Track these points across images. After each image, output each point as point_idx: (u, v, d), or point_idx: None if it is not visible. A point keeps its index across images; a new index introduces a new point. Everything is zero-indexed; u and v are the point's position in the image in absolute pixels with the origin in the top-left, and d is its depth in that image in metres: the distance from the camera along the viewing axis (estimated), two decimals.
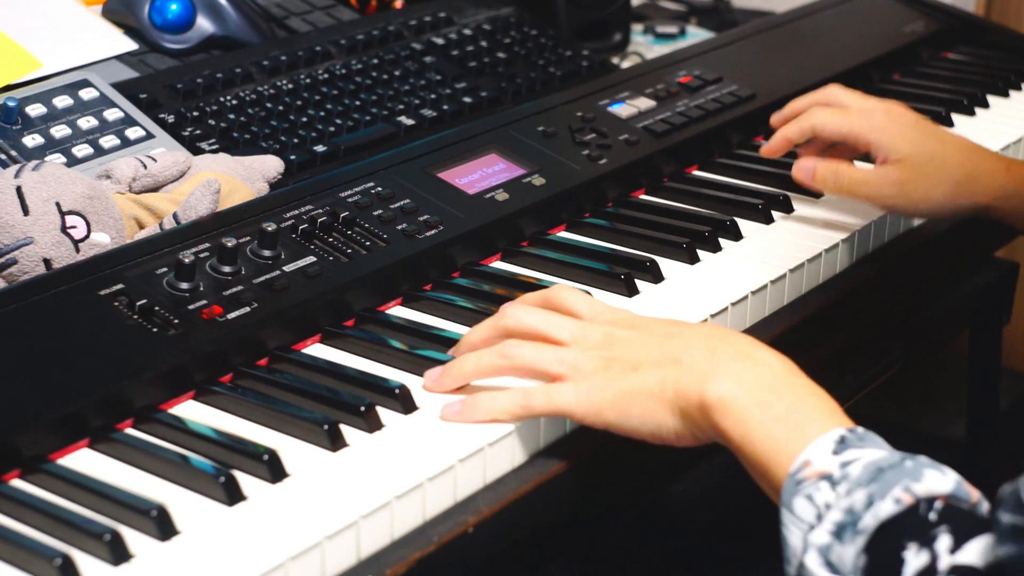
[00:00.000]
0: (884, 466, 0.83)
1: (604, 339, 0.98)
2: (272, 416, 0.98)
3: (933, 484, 0.81)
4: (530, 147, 1.36)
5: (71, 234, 1.11)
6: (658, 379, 0.94)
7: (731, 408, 0.90)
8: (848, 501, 0.82)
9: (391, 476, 0.91)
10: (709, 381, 0.91)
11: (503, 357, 0.98)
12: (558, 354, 0.97)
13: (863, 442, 0.86)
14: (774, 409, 0.89)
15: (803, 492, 0.84)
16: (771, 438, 0.88)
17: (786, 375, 0.92)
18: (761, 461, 0.88)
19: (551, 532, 1.02)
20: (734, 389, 0.90)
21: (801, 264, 1.24)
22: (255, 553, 0.84)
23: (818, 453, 0.85)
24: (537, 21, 1.70)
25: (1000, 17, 2.32)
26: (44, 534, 0.86)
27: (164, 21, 1.51)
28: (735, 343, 0.95)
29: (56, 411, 0.94)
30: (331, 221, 1.16)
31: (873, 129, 1.28)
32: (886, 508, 0.80)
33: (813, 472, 0.85)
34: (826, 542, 0.82)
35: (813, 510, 0.83)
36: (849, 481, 0.83)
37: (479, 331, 1.03)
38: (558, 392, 0.96)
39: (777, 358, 0.93)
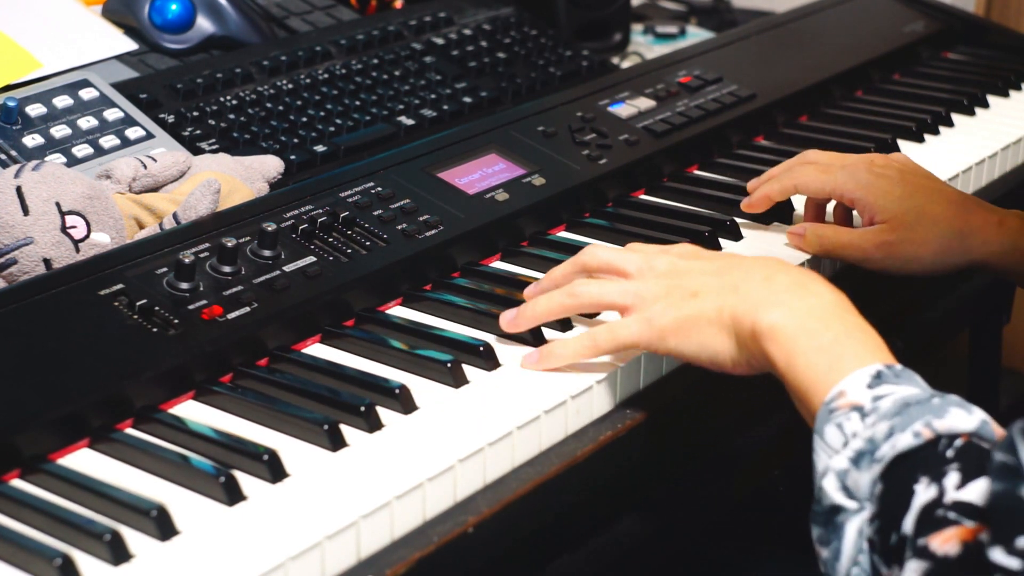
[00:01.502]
0: (912, 401, 0.86)
1: (668, 268, 1.03)
2: (272, 416, 0.98)
3: (956, 422, 0.84)
4: (530, 147, 1.36)
5: (71, 234, 1.11)
6: (716, 306, 0.98)
7: (779, 335, 0.94)
8: (871, 431, 0.85)
9: (391, 476, 0.91)
10: (762, 309, 0.95)
11: (571, 296, 1.04)
12: (622, 286, 1.02)
13: (899, 379, 0.89)
14: (819, 339, 0.92)
15: (834, 420, 0.87)
16: (813, 366, 0.91)
17: (836, 307, 0.95)
18: (802, 388, 0.92)
19: (551, 532, 1.02)
20: (784, 317, 0.94)
21: (801, 264, 1.24)
22: (255, 553, 0.84)
23: (853, 385, 0.89)
24: (537, 21, 1.70)
25: (1000, 17, 2.32)
26: (44, 534, 0.86)
27: (164, 21, 1.51)
28: (792, 274, 0.98)
29: (56, 411, 0.94)
30: (331, 221, 1.16)
31: (858, 187, 1.23)
32: (904, 440, 0.83)
33: (846, 403, 0.88)
34: (844, 467, 0.85)
35: (841, 438, 0.87)
36: (878, 414, 0.86)
37: (559, 269, 1.08)
38: (621, 326, 1.01)
39: (831, 291, 0.97)
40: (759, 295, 0.96)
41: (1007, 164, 1.55)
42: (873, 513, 0.84)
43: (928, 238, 1.21)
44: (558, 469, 0.99)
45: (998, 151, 1.53)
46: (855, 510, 0.85)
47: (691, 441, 1.16)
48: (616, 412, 1.05)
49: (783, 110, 1.58)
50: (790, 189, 1.28)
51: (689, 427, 1.12)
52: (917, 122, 1.58)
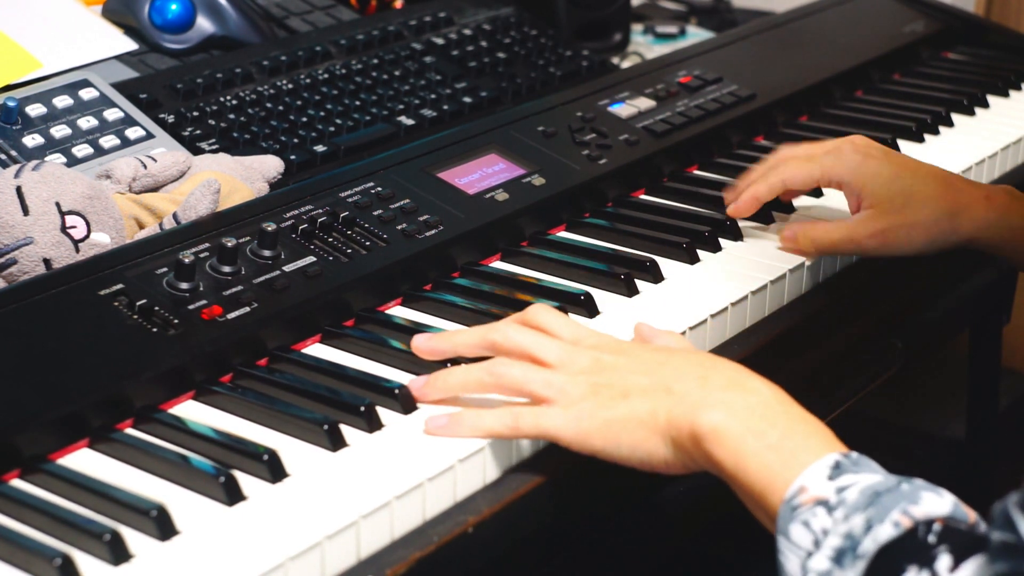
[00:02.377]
0: (881, 490, 0.82)
1: (593, 364, 0.96)
2: (272, 416, 0.98)
3: (931, 507, 0.81)
4: (530, 147, 1.36)
5: (71, 234, 1.11)
6: (649, 408, 0.93)
7: (724, 438, 0.89)
8: (846, 526, 0.82)
9: (391, 476, 0.91)
10: (701, 411, 0.91)
11: (491, 375, 0.97)
12: (546, 376, 0.96)
13: (858, 467, 0.85)
14: (767, 437, 0.88)
15: (799, 518, 0.84)
16: (766, 466, 0.88)
17: (777, 403, 0.91)
18: (756, 490, 0.88)
19: (551, 532, 1.02)
20: (726, 419, 0.90)
21: (801, 264, 1.24)
22: (255, 553, 0.84)
23: (813, 479, 0.85)
24: (537, 21, 1.70)
25: (1000, 17, 2.32)
26: (44, 534, 0.86)
27: (164, 21, 1.51)
28: (725, 372, 0.94)
29: (56, 411, 0.94)
30: (331, 221, 1.16)
31: (847, 170, 1.22)
32: (885, 532, 0.80)
33: (809, 498, 0.84)
34: (826, 568, 0.81)
35: (810, 536, 0.83)
36: (846, 506, 0.82)
37: (465, 336, 1.01)
38: (546, 415, 0.95)
39: (768, 386, 0.93)
40: (695, 396, 0.92)
41: (1007, 164, 1.55)
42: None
43: (919, 220, 1.21)
44: (558, 469, 0.98)
45: (998, 151, 1.53)
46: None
47: None
48: None
49: (783, 110, 1.58)
50: (777, 186, 1.26)
51: None
52: (917, 122, 1.58)
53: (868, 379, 1.35)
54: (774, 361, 1.20)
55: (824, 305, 1.25)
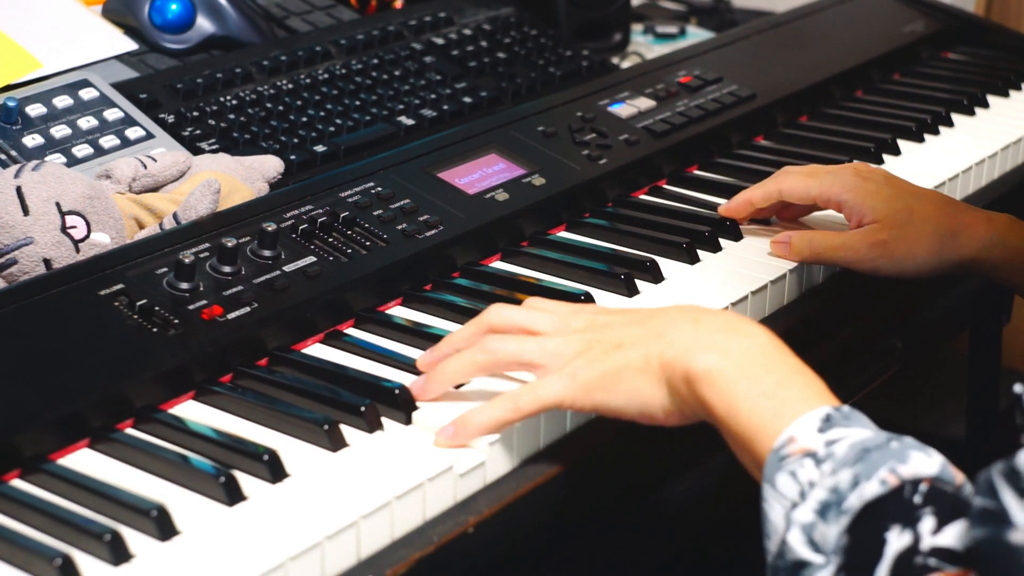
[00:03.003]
0: (870, 446, 0.82)
1: (586, 324, 0.97)
2: (272, 416, 0.98)
3: (919, 466, 0.81)
4: (530, 147, 1.36)
5: (71, 234, 1.11)
6: (643, 354, 0.93)
7: (717, 380, 0.90)
8: (833, 480, 0.82)
9: (391, 476, 0.91)
10: (695, 353, 0.91)
11: (485, 352, 0.97)
12: (540, 343, 0.96)
13: (849, 421, 0.86)
14: (761, 384, 0.89)
15: (786, 468, 0.84)
16: (756, 413, 0.88)
17: (773, 350, 0.91)
18: (746, 435, 0.88)
19: (551, 532, 1.02)
20: (720, 361, 0.90)
21: (801, 264, 1.24)
22: (255, 553, 0.84)
23: (803, 430, 0.85)
24: (537, 21, 1.70)
25: (1000, 17, 2.32)
26: (44, 534, 0.86)
27: (164, 21, 1.51)
28: (720, 316, 0.95)
29: (56, 411, 0.94)
30: (331, 221, 1.16)
31: (845, 189, 1.22)
32: (871, 489, 0.80)
33: (797, 449, 0.84)
34: (810, 520, 0.82)
35: (796, 487, 0.83)
36: (834, 460, 0.83)
37: (462, 332, 1.01)
38: (543, 387, 0.95)
39: (764, 332, 0.93)
40: (688, 338, 0.92)
41: (1007, 164, 1.55)
42: (839, 565, 0.80)
43: (921, 236, 1.20)
44: (558, 469, 0.99)
45: (998, 151, 1.53)
46: (821, 564, 0.81)
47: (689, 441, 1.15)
48: None
49: (783, 110, 1.58)
50: (774, 194, 1.26)
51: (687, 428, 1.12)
52: (917, 122, 1.58)
53: (868, 379, 1.35)
54: None
55: (824, 305, 1.25)
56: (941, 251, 1.21)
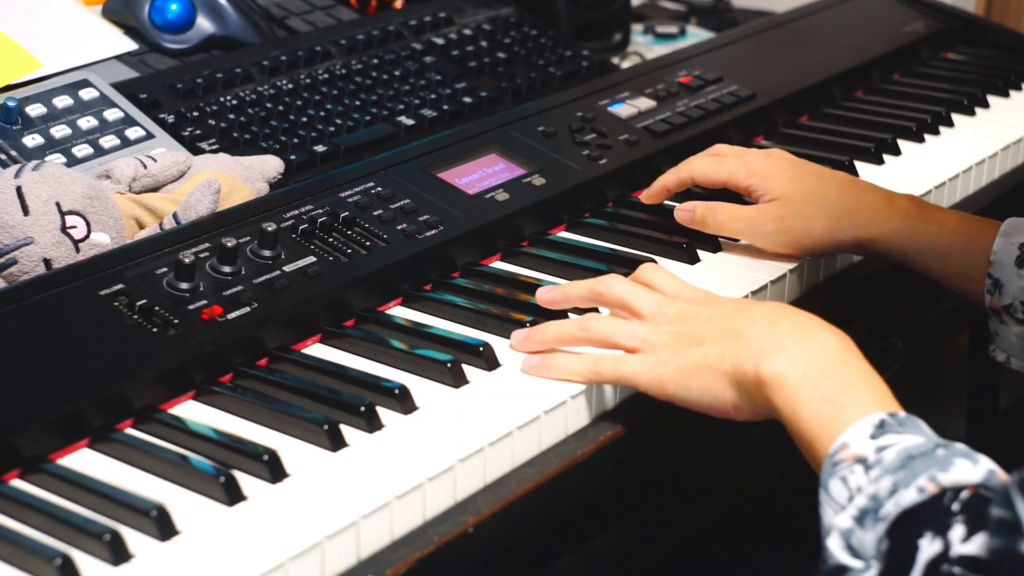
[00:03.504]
0: (915, 454, 0.83)
1: (679, 315, 1.02)
2: (272, 416, 0.98)
3: (961, 474, 0.81)
4: (530, 147, 1.36)
5: (71, 234, 1.11)
6: (718, 353, 0.97)
7: (783, 385, 0.92)
8: (875, 487, 0.83)
9: (391, 476, 0.91)
10: (765, 357, 0.94)
11: (583, 330, 1.03)
12: (632, 329, 1.02)
13: (903, 427, 0.87)
14: (822, 388, 0.91)
15: (838, 474, 0.86)
16: (816, 417, 0.90)
17: (839, 354, 0.94)
18: (807, 438, 0.90)
19: (551, 532, 1.02)
20: (787, 366, 0.93)
21: (801, 264, 1.24)
22: (255, 553, 0.84)
23: (856, 436, 0.87)
24: (537, 21, 1.70)
25: (1000, 17, 2.32)
26: (44, 534, 0.86)
27: (164, 21, 1.51)
28: (795, 319, 0.97)
29: (56, 411, 0.94)
30: (331, 221, 1.16)
31: (750, 173, 1.25)
32: (908, 497, 0.81)
33: (850, 455, 0.86)
34: (848, 526, 0.83)
35: (846, 492, 0.85)
36: (882, 467, 0.84)
37: (575, 289, 1.08)
38: (626, 362, 1.01)
39: (835, 336, 0.95)
40: (761, 342, 0.95)
41: (1007, 164, 1.55)
42: (880, 571, 0.81)
43: (819, 213, 1.23)
44: (558, 469, 0.99)
45: (998, 151, 1.53)
46: (861, 570, 0.82)
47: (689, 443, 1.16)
48: (617, 412, 1.05)
49: (783, 110, 1.58)
50: (686, 179, 1.29)
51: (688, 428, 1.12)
52: (917, 122, 1.58)
53: None
54: None
55: (824, 305, 1.25)
56: (838, 229, 1.23)
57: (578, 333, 1.04)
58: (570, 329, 1.04)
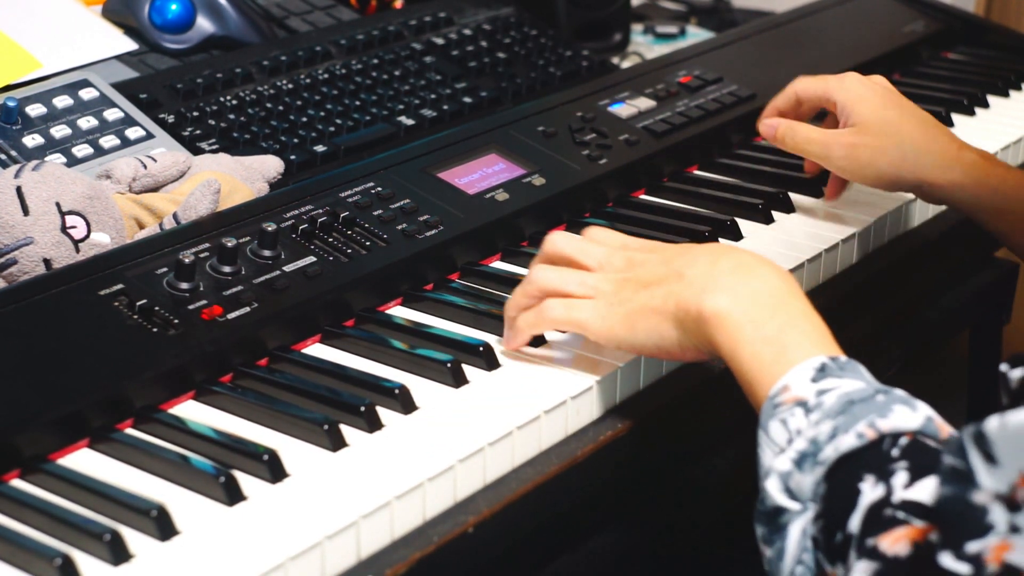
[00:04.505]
0: (856, 399, 0.85)
1: (625, 263, 1.03)
2: (272, 416, 0.98)
3: (900, 420, 0.83)
4: (530, 147, 1.36)
5: (71, 234, 1.11)
6: (663, 294, 0.98)
7: (724, 323, 0.93)
8: (815, 431, 0.84)
9: (391, 476, 0.91)
10: (707, 294, 0.95)
11: (531, 283, 1.05)
12: (580, 277, 1.03)
13: (843, 372, 0.88)
14: (764, 329, 0.92)
15: (779, 416, 0.87)
16: (758, 357, 0.91)
17: (781, 293, 0.94)
18: (748, 378, 0.92)
19: (551, 532, 1.02)
20: (729, 304, 0.94)
21: (801, 264, 1.24)
22: (255, 553, 0.84)
23: (797, 379, 0.88)
24: (537, 21, 1.70)
25: (1000, 17, 2.32)
26: (44, 534, 0.86)
27: (164, 21, 1.51)
28: (738, 256, 0.98)
29: (56, 411, 0.94)
30: (331, 221, 1.16)
31: (841, 90, 1.30)
32: (847, 442, 0.82)
33: (790, 398, 0.87)
34: (787, 469, 0.85)
35: (786, 434, 0.86)
36: (822, 410, 0.85)
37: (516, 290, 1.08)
38: (576, 308, 1.02)
39: (777, 274, 0.96)
40: (703, 280, 0.96)
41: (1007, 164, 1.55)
42: (817, 513, 0.83)
43: (888, 146, 1.26)
44: (558, 469, 0.99)
45: (998, 151, 1.53)
46: (798, 511, 0.84)
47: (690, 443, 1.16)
48: (617, 412, 1.05)
49: None
50: (791, 96, 1.35)
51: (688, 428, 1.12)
52: None
53: None
54: None
55: (824, 305, 1.24)
56: (903, 168, 1.26)
57: (529, 288, 1.05)
58: (522, 288, 1.06)
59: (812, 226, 1.32)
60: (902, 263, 1.36)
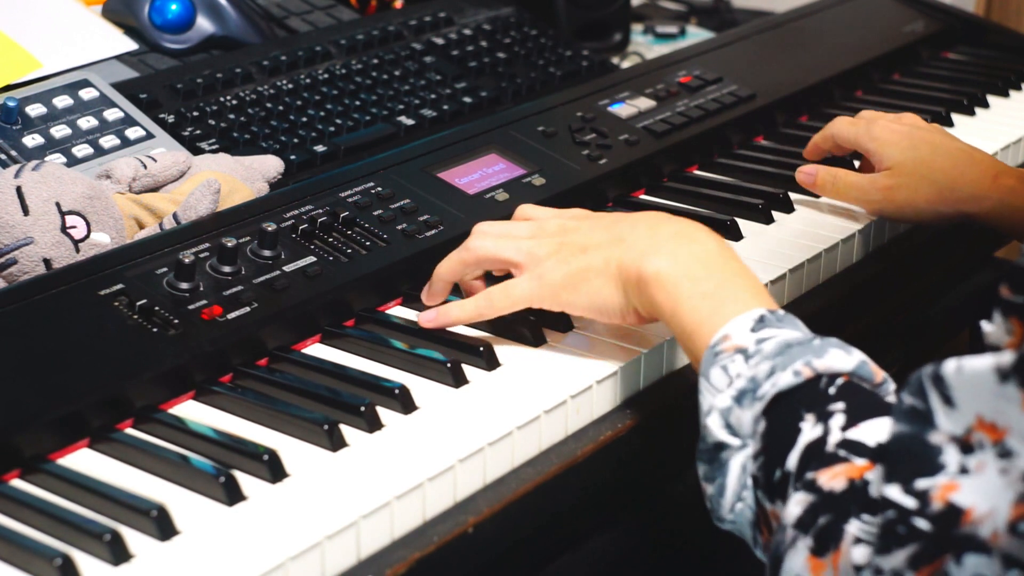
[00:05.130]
0: (793, 343, 0.89)
1: (559, 228, 1.06)
2: (272, 416, 0.98)
3: (835, 362, 0.87)
4: (530, 147, 1.36)
5: (71, 234, 1.11)
6: (603, 257, 1.01)
7: (664, 281, 0.97)
8: (754, 371, 0.88)
9: (391, 476, 0.91)
10: (648, 257, 0.99)
11: (467, 250, 1.07)
12: (516, 243, 1.05)
13: (781, 323, 0.92)
14: (702, 285, 0.96)
15: (719, 363, 0.91)
16: (697, 311, 0.95)
17: (719, 255, 0.98)
18: (687, 332, 0.95)
19: (551, 532, 1.02)
20: (668, 264, 0.98)
21: (801, 264, 1.24)
22: (255, 553, 0.84)
23: (737, 329, 0.92)
24: (537, 21, 1.70)
25: (1000, 17, 2.32)
26: (44, 534, 0.86)
27: (164, 21, 1.51)
28: (678, 223, 1.02)
29: (56, 411, 0.94)
30: (331, 221, 1.16)
31: (871, 138, 1.33)
32: (785, 379, 0.86)
33: (730, 346, 0.91)
34: (727, 405, 0.89)
35: (726, 379, 0.90)
36: (761, 355, 0.89)
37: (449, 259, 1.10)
38: (514, 285, 1.04)
39: (714, 239, 1.00)
40: (644, 244, 1.00)
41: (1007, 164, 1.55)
42: (756, 450, 0.86)
43: (923, 185, 1.29)
44: (558, 469, 0.99)
45: (998, 151, 1.53)
46: (738, 447, 0.88)
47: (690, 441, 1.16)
48: (616, 412, 1.05)
49: (783, 110, 1.58)
50: (829, 136, 1.39)
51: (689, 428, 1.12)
52: None
53: None
54: None
55: (824, 305, 1.25)
56: (939, 202, 1.29)
57: (464, 255, 1.07)
58: (455, 257, 1.08)
59: (812, 226, 1.32)
60: (902, 263, 1.36)
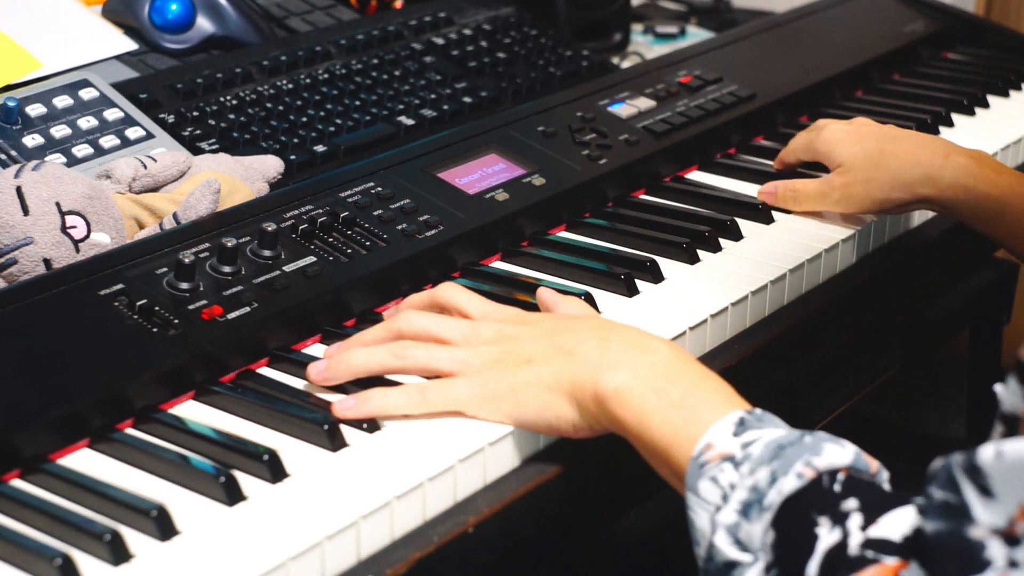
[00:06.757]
0: (784, 443, 0.84)
1: (495, 335, 0.99)
2: (272, 416, 0.98)
3: (833, 457, 0.83)
4: (530, 147, 1.36)
5: (71, 234, 1.11)
6: (553, 371, 0.95)
7: (627, 398, 0.91)
8: (752, 480, 0.84)
9: (391, 476, 0.91)
10: (604, 372, 0.93)
11: (396, 357, 0.99)
12: (450, 352, 0.98)
13: (761, 423, 0.88)
14: (670, 396, 0.91)
15: (707, 474, 0.86)
16: (669, 423, 0.90)
17: (678, 361, 0.93)
18: (660, 447, 0.90)
19: (551, 532, 1.02)
20: (629, 379, 0.92)
21: (801, 264, 1.24)
22: (255, 553, 0.84)
23: (719, 435, 0.87)
24: (537, 21, 1.70)
25: (1000, 17, 2.32)
26: (44, 534, 0.86)
27: (164, 21, 1.51)
28: (625, 333, 0.96)
29: (56, 411, 0.94)
30: (331, 221, 1.16)
31: (822, 141, 1.35)
32: (789, 483, 0.82)
33: (715, 454, 0.86)
34: (734, 520, 0.83)
35: (718, 491, 0.85)
36: (752, 460, 0.84)
37: (371, 332, 1.02)
38: (452, 387, 0.97)
39: (667, 345, 0.95)
40: (596, 357, 0.94)
41: (1007, 164, 1.55)
42: (769, 562, 0.81)
43: (876, 175, 1.30)
44: (559, 468, 0.99)
45: (998, 151, 1.53)
46: (750, 563, 0.83)
47: None
48: None
49: (783, 110, 1.58)
50: (790, 150, 1.41)
51: None
52: (917, 122, 1.58)
53: (868, 379, 1.35)
54: (774, 362, 1.20)
55: (824, 305, 1.25)
56: (895, 188, 1.30)
57: (391, 361, 0.99)
58: (381, 356, 0.99)
59: (812, 226, 1.32)
60: (902, 263, 1.36)
